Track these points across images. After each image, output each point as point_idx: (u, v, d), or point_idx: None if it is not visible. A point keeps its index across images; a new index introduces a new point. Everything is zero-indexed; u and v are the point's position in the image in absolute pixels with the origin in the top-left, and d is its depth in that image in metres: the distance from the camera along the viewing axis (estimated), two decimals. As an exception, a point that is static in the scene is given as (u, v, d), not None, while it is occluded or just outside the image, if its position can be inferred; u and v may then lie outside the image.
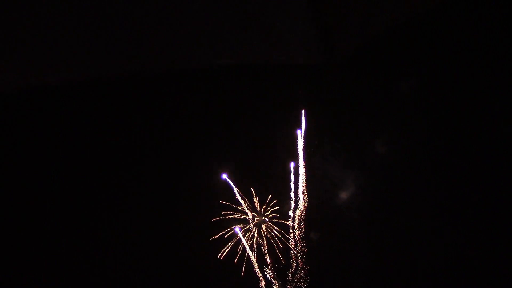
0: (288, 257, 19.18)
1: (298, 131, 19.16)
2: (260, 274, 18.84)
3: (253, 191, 19.29)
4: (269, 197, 19.04)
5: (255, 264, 18.91)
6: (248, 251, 18.92)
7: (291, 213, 19.06)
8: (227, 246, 18.81)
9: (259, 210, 19.24)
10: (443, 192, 18.05)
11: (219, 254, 18.72)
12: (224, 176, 19.23)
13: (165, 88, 20.16)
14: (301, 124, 19.25)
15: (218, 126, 20.18)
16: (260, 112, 19.83)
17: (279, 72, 19.90)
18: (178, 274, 19.38)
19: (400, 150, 18.40)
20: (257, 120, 19.90)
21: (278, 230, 19.26)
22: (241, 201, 19.19)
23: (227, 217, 18.99)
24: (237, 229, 19.08)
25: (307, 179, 19.07)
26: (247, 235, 19.15)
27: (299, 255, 19.03)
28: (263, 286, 18.84)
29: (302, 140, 19.18)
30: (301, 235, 19.08)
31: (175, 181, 20.04)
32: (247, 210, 19.19)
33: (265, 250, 19.13)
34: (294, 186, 19.05)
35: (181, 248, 19.40)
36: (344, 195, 18.82)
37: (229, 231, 18.84)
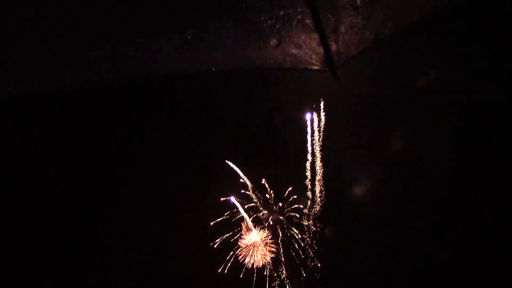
0: (305, 269, 17.98)
1: (315, 125, 18.52)
2: (275, 274, 17.81)
3: (266, 184, 17.76)
4: (286, 192, 17.98)
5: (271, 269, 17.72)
6: (261, 248, 17.85)
7: (305, 211, 18.37)
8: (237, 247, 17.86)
9: (274, 208, 18.14)
10: (461, 189, 17.92)
11: (220, 268, 17.53)
12: (231, 163, 17.43)
13: (164, 88, 19.54)
14: (319, 118, 18.66)
15: (223, 121, 18.99)
16: (273, 109, 19.08)
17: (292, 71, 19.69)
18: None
19: (418, 147, 18.31)
20: (268, 116, 19.05)
21: (297, 235, 17.90)
22: (254, 197, 17.86)
23: (233, 220, 18.08)
24: (233, 199, 17.37)
25: (323, 176, 18.45)
26: (260, 234, 18.15)
27: (314, 257, 18.16)
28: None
29: (318, 135, 18.60)
30: (317, 234, 18.27)
31: (173, 179, 18.90)
32: (260, 208, 18.14)
33: (282, 262, 17.74)
34: (310, 183, 18.29)
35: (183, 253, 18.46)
36: (360, 192, 18.31)
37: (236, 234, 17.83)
